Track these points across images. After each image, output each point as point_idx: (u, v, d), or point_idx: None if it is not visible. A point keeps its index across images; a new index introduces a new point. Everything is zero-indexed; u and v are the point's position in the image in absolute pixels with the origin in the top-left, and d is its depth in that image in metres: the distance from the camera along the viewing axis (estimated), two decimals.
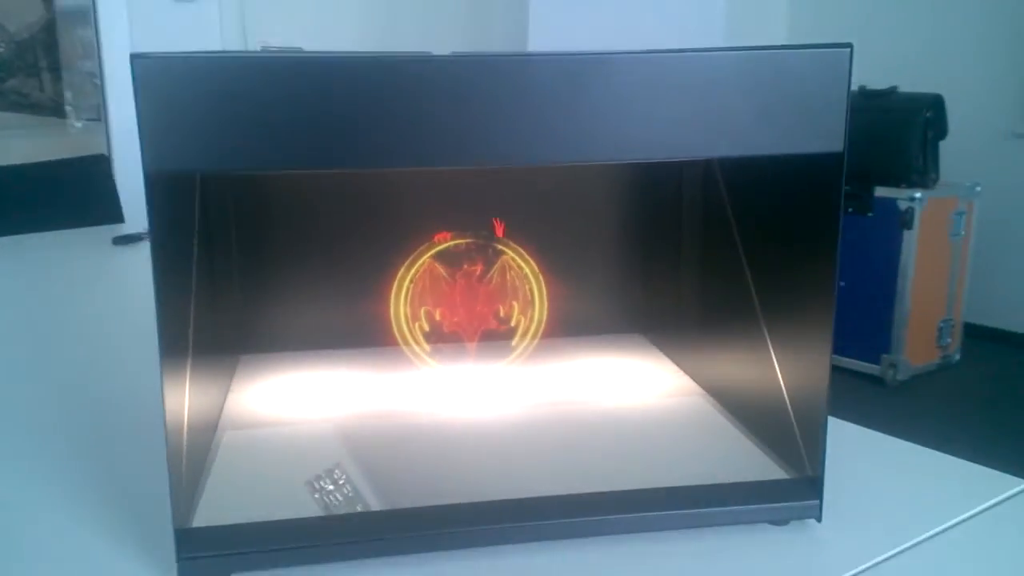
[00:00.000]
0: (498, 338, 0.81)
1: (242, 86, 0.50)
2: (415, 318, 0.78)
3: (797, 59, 0.56)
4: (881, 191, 3.01)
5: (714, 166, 0.76)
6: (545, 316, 0.80)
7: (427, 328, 0.79)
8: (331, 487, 0.62)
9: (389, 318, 0.78)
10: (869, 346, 3.08)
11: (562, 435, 0.72)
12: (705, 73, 0.55)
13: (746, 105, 0.56)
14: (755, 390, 0.70)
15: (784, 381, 0.66)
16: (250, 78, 0.50)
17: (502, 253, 0.79)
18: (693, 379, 0.82)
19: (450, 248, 0.78)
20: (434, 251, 0.77)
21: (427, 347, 0.79)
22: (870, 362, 3.08)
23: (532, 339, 0.80)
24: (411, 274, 0.77)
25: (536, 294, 0.79)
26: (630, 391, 0.80)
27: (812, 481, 0.62)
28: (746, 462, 0.68)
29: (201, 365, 0.65)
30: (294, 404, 0.75)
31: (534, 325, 0.80)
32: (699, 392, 0.80)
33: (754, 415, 0.71)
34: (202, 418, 0.65)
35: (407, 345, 0.79)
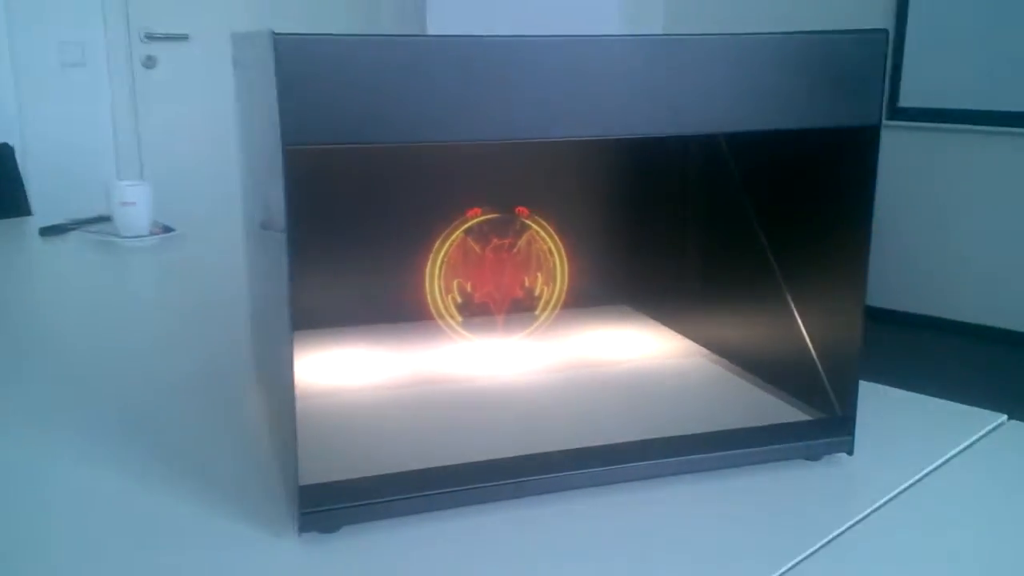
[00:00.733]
0: (523, 308, 0.86)
1: (373, 64, 0.54)
2: (448, 290, 0.83)
3: (840, 42, 0.63)
4: None
5: (720, 144, 0.84)
6: (567, 287, 0.86)
7: (459, 300, 0.83)
8: None
9: (424, 292, 0.82)
10: None
11: (594, 395, 0.78)
12: (760, 54, 0.62)
13: (795, 83, 0.63)
14: (771, 344, 0.78)
15: (808, 333, 0.74)
16: (382, 56, 0.54)
17: (528, 228, 0.84)
18: (695, 341, 0.89)
19: (481, 223, 0.83)
20: (466, 226, 0.82)
21: (459, 318, 0.84)
22: None
23: (554, 309, 0.86)
24: (445, 248, 0.82)
25: (558, 267, 0.85)
26: (643, 354, 0.87)
27: (844, 419, 0.70)
28: (764, 408, 0.76)
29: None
30: (348, 375, 0.78)
31: (556, 295, 0.86)
32: (703, 352, 0.87)
33: (769, 366, 0.79)
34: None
35: (441, 318, 0.83)
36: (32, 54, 3.13)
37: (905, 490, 0.66)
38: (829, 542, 0.60)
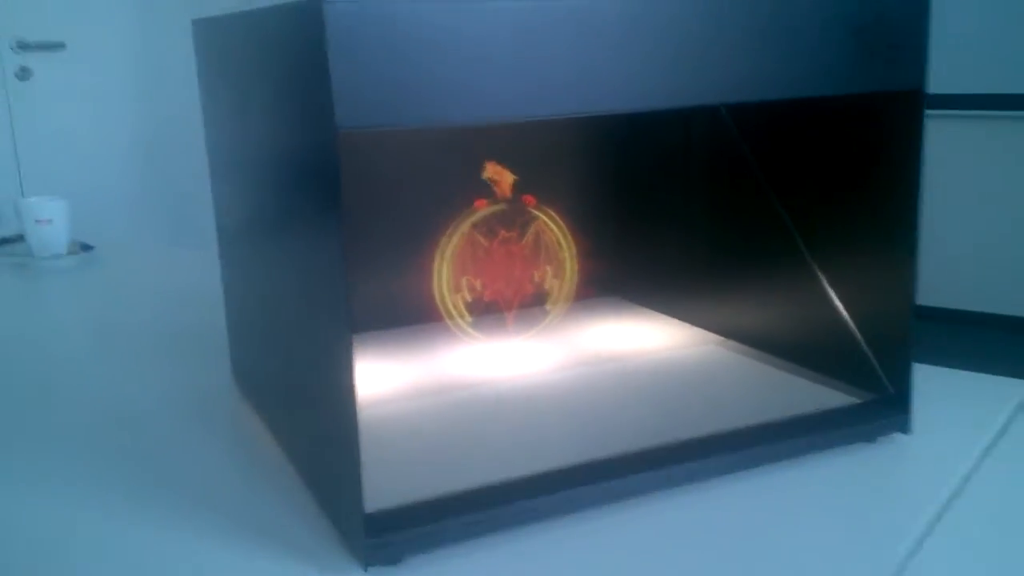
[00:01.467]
0: (533, 303, 0.81)
1: (443, 34, 0.48)
2: (457, 289, 0.77)
3: (883, 2, 0.61)
4: None
5: (724, 121, 0.80)
6: (576, 279, 0.81)
7: (469, 299, 0.78)
8: None
9: (432, 293, 0.76)
10: None
11: (628, 393, 0.74)
12: (801, 15, 0.58)
13: (839, 46, 0.60)
14: (800, 325, 0.76)
15: (850, 313, 0.71)
16: (451, 24, 0.48)
17: (536, 218, 0.79)
18: (705, 329, 0.86)
19: (487, 216, 0.77)
20: (473, 219, 0.76)
21: (469, 318, 0.78)
22: None
23: (566, 303, 0.81)
24: (451, 244, 0.76)
25: (568, 258, 0.80)
26: (659, 346, 0.83)
27: (898, 397, 0.68)
28: (803, 393, 0.73)
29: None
30: (366, 386, 0.72)
31: (566, 288, 0.81)
32: (717, 340, 0.84)
33: (799, 348, 0.76)
34: None
35: (451, 319, 0.77)
36: None
37: (980, 460, 0.64)
38: (933, 520, 0.57)
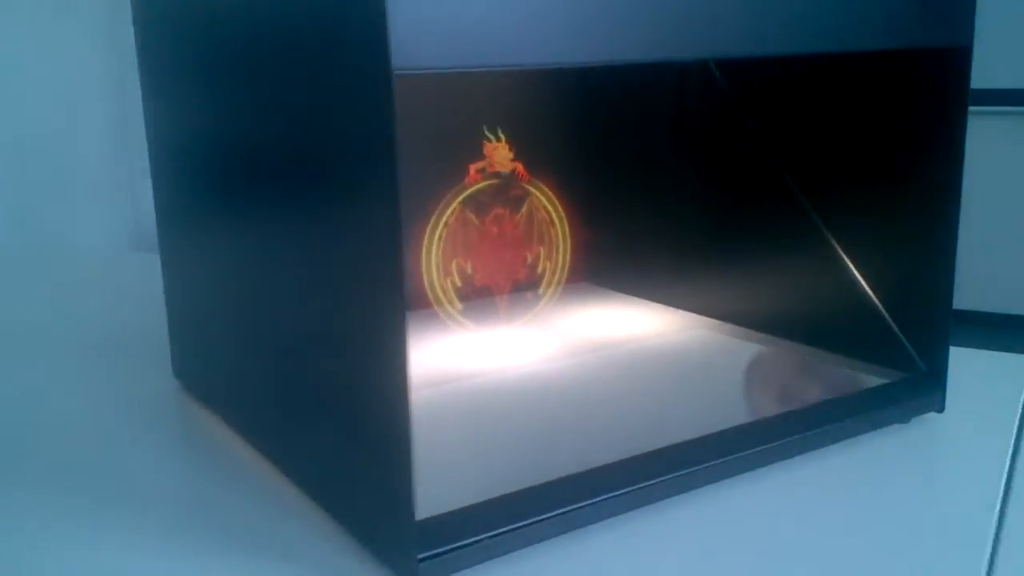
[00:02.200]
0: (526, 287, 0.74)
1: None
2: (447, 273, 0.69)
3: None
4: None
5: (724, 92, 0.76)
6: (570, 260, 0.75)
7: (459, 284, 0.70)
8: None
9: (420, 278, 0.68)
10: None
11: (642, 381, 0.68)
12: None
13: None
14: (817, 306, 0.72)
15: (875, 290, 0.68)
16: None
17: (529, 193, 0.72)
18: (697, 313, 0.81)
19: (477, 193, 0.70)
20: (463, 195, 0.69)
21: (459, 306, 0.71)
22: None
23: (558, 286, 0.75)
24: (442, 224, 0.68)
25: (560, 238, 0.74)
26: (659, 333, 0.77)
27: (933, 374, 0.64)
28: (828, 373, 0.69)
29: None
30: None
31: (559, 271, 0.75)
32: (713, 324, 0.79)
33: (814, 329, 0.72)
34: None
35: (440, 305, 0.70)
36: None
37: (1020, 434, 0.62)
38: (1003, 493, 0.53)
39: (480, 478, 0.52)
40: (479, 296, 0.72)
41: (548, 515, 0.49)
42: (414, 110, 0.73)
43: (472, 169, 0.68)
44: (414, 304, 0.69)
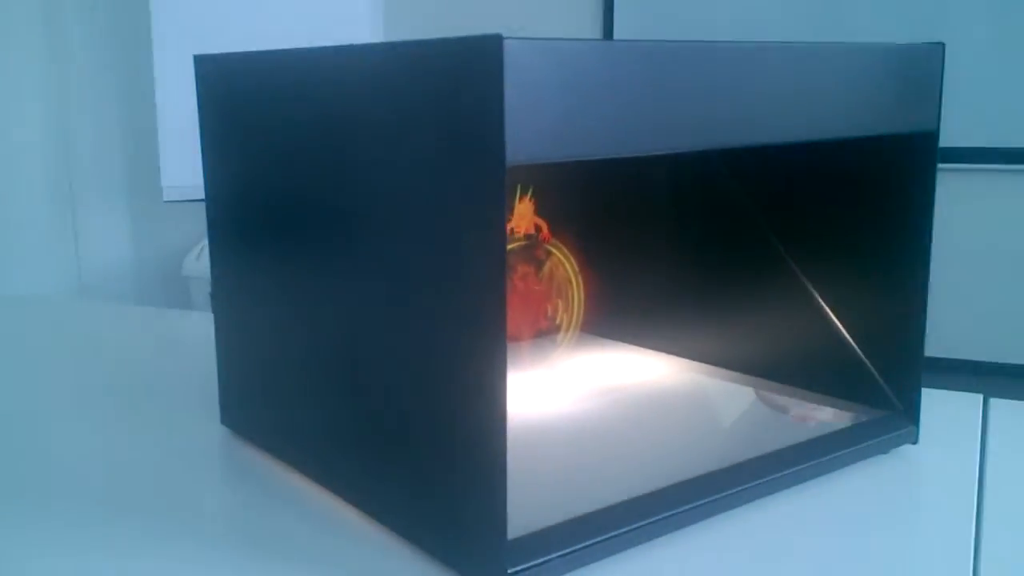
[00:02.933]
0: (545, 335, 0.83)
1: (605, 71, 0.50)
2: None
3: (904, 53, 0.68)
4: None
5: (716, 164, 0.86)
6: (583, 312, 0.84)
7: None
8: None
9: None
10: None
11: (647, 421, 0.77)
12: (843, 63, 0.65)
13: (867, 91, 0.67)
14: (801, 352, 0.82)
15: (854, 337, 0.78)
16: (610, 62, 0.50)
17: (551, 254, 0.81)
18: (690, 359, 0.91)
19: (509, 251, 0.78)
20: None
21: None
22: None
23: (574, 333, 0.84)
24: None
25: (576, 293, 0.83)
26: (660, 376, 0.87)
27: (907, 411, 0.75)
28: (807, 413, 0.79)
29: None
30: None
31: (575, 322, 0.84)
32: (708, 368, 0.89)
33: (800, 373, 0.82)
34: None
35: None
36: None
37: (983, 460, 0.72)
38: (976, 515, 0.63)
39: (539, 506, 0.60)
40: (507, 343, 0.80)
41: (614, 533, 0.57)
42: None
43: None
44: None
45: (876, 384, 0.77)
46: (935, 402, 0.86)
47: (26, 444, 0.78)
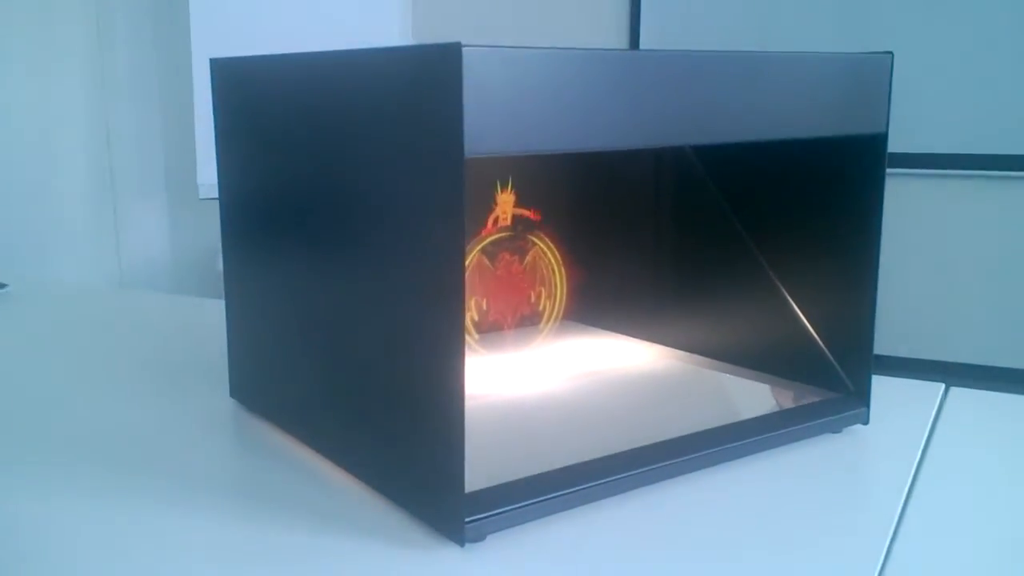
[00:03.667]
0: (529, 322, 0.89)
1: (554, 75, 0.57)
2: (466, 309, 0.84)
3: (856, 61, 0.74)
4: None
5: (692, 162, 0.92)
6: (565, 300, 0.90)
7: (476, 317, 0.85)
8: None
9: None
10: None
11: (622, 399, 0.84)
12: (798, 70, 0.71)
13: (823, 95, 0.73)
14: (768, 339, 0.87)
15: (813, 325, 0.84)
16: (558, 67, 0.57)
17: (534, 244, 0.88)
18: (671, 346, 0.97)
19: (490, 244, 0.85)
20: (481, 245, 0.85)
21: (476, 335, 0.86)
22: None
23: (556, 320, 0.90)
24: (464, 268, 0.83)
25: (558, 281, 0.89)
26: (637, 361, 0.93)
27: (859, 394, 0.80)
28: (770, 394, 0.84)
29: None
30: None
31: (557, 309, 0.90)
32: (683, 355, 0.95)
33: (764, 358, 0.88)
34: None
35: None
36: None
37: (928, 441, 0.78)
38: (909, 490, 0.69)
39: (500, 467, 0.67)
40: (492, 328, 0.87)
41: (562, 492, 0.64)
42: None
43: (489, 221, 0.84)
44: None
45: (832, 369, 0.83)
46: (896, 389, 0.91)
47: (62, 411, 0.86)
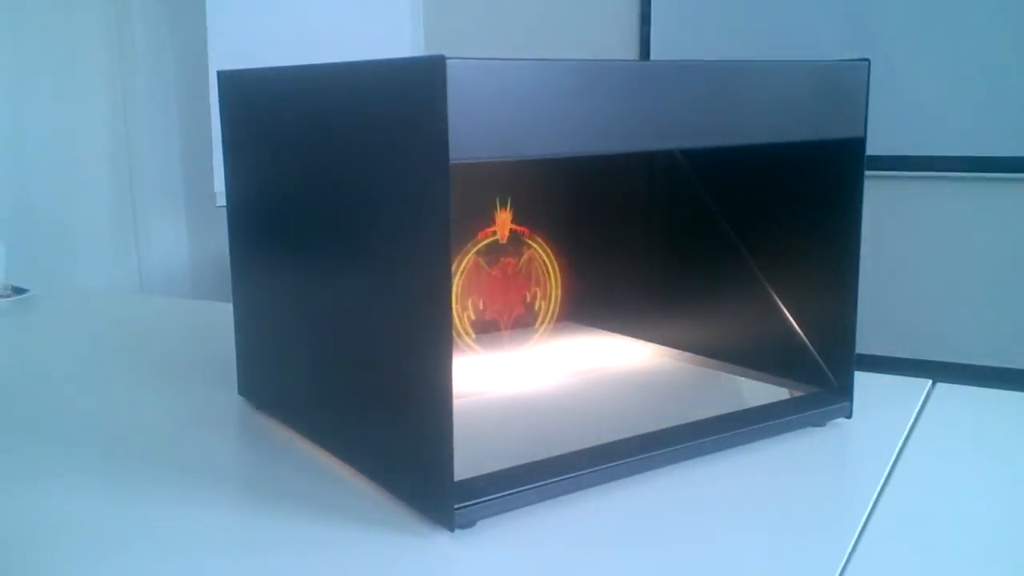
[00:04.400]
0: (524, 323, 0.93)
1: (534, 85, 0.60)
2: (464, 308, 0.88)
3: (834, 68, 0.77)
4: None
5: (683, 166, 0.95)
6: (560, 300, 0.93)
7: (473, 317, 0.89)
8: None
9: None
10: None
11: (605, 395, 0.87)
12: (780, 78, 0.74)
13: (803, 102, 0.75)
14: (755, 337, 0.90)
15: (798, 322, 0.87)
16: (539, 77, 0.60)
17: (529, 246, 0.91)
18: (665, 345, 1.00)
19: (487, 246, 0.89)
20: (477, 247, 0.88)
21: (473, 334, 0.89)
22: None
23: (551, 322, 0.93)
24: (461, 269, 0.87)
25: (553, 283, 0.93)
26: (628, 358, 0.96)
27: (842, 388, 0.83)
28: (757, 389, 0.87)
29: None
30: None
31: (552, 309, 0.93)
32: (676, 353, 0.98)
33: (753, 356, 0.91)
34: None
35: (459, 335, 0.88)
36: None
37: (909, 434, 0.80)
38: (884, 481, 0.72)
39: (492, 458, 0.70)
40: (489, 328, 0.90)
41: (549, 480, 0.67)
42: None
43: (480, 234, 0.87)
44: None
45: (817, 365, 0.85)
46: (884, 385, 0.93)
47: (79, 407, 0.90)
